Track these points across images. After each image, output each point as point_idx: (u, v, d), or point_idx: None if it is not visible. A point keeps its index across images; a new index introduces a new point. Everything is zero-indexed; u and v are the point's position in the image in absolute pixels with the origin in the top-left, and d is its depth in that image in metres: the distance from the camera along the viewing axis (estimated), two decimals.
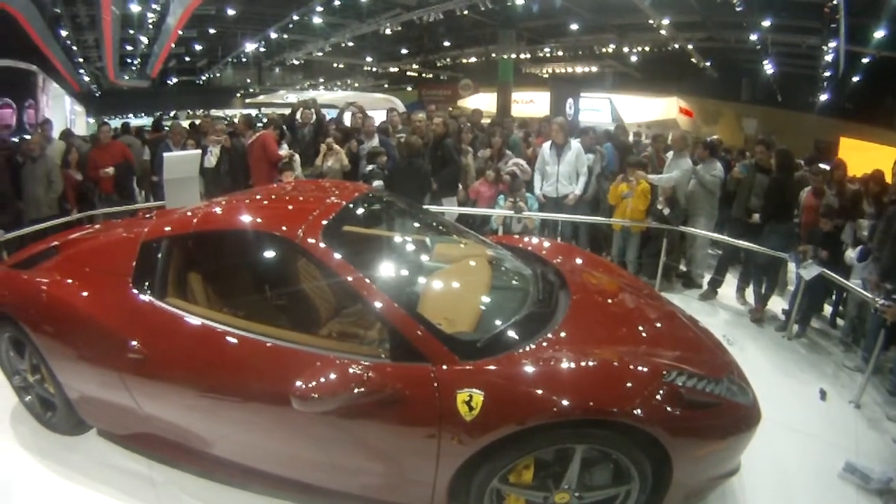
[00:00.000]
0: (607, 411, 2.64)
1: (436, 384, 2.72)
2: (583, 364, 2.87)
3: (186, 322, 3.31)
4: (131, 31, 27.49)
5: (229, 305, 3.51)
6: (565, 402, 2.61)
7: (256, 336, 3.11)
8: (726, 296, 7.35)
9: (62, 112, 19.54)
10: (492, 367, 2.78)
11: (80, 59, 32.18)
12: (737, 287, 7.27)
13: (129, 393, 3.44)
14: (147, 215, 5.22)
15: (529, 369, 2.78)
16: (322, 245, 3.12)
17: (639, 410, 2.65)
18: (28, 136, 8.87)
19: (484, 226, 7.97)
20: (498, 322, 3.15)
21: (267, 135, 8.19)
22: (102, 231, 4.80)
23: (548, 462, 2.79)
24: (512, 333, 3.04)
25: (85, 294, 3.67)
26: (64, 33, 24.79)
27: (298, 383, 2.62)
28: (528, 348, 2.92)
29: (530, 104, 26.60)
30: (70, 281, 3.82)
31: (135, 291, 3.51)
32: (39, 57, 20.69)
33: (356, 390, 2.61)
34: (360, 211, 3.84)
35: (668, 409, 2.72)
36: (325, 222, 3.30)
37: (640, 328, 3.43)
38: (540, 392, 2.68)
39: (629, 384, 2.79)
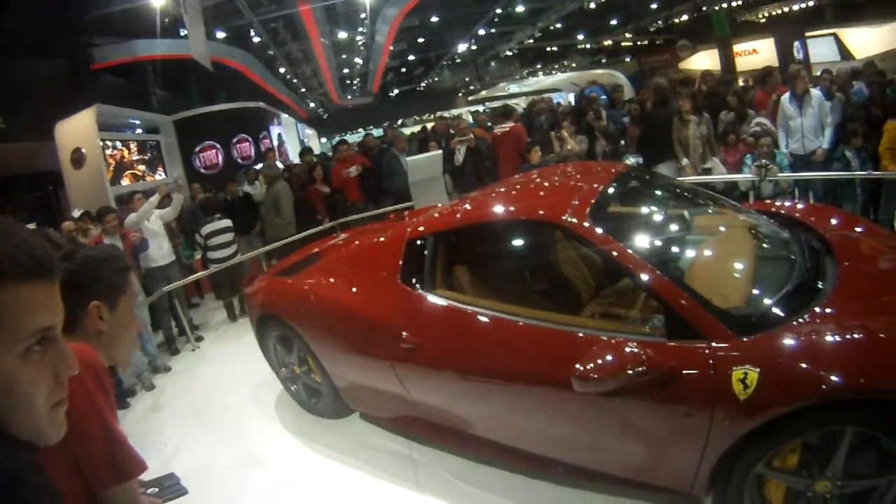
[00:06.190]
0: (880, 389, 2.34)
1: (711, 361, 2.56)
2: (852, 338, 2.56)
3: (456, 310, 3.46)
4: (344, 56, 29.66)
5: (494, 293, 3.61)
6: (836, 380, 2.34)
7: (524, 320, 3.17)
8: None
9: (294, 137, 21.93)
10: (766, 343, 2.57)
11: (303, 90, 35.37)
12: None
13: (399, 380, 3.67)
14: (396, 218, 5.55)
15: (802, 345, 2.54)
16: (589, 225, 3.11)
17: None
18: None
19: (733, 192, 7.38)
20: (769, 295, 2.91)
21: (520, 128, 8.55)
22: (356, 235, 5.20)
23: (815, 446, 2.52)
24: (783, 306, 2.78)
25: (353, 291, 4.01)
26: (282, 70, 27.54)
27: (578, 365, 2.62)
28: (799, 322, 2.66)
29: (754, 55, 24.39)
30: (336, 281, 4.21)
31: (404, 286, 3.73)
32: (264, 95, 23.85)
33: (634, 370, 2.54)
34: (618, 190, 3.78)
35: None
36: (588, 204, 3.28)
37: None
38: (813, 369, 2.43)
39: None
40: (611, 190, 3.66)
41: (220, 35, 18.17)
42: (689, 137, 7.57)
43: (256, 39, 20.87)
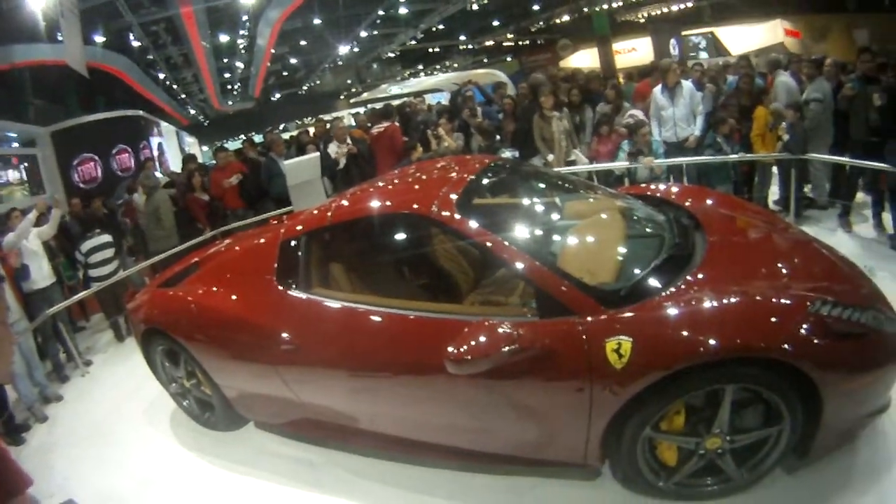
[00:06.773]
0: (754, 347, 2.56)
1: (584, 336, 2.70)
2: (725, 302, 2.77)
3: (333, 308, 3.46)
4: (226, 60, 28.89)
5: (372, 288, 3.64)
6: (712, 342, 2.55)
7: (402, 311, 3.21)
8: (862, 222, 6.60)
9: (175, 146, 21.21)
10: (637, 314, 2.74)
11: (183, 96, 34.17)
12: (872, 213, 6.42)
13: (285, 383, 3.64)
14: (276, 222, 5.51)
15: (674, 312, 2.72)
16: (458, 216, 3.18)
17: (786, 344, 2.55)
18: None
19: (608, 177, 7.74)
20: (638, 269, 3.09)
21: (395, 127, 8.62)
22: (236, 242, 5.11)
23: (698, 407, 2.74)
24: (653, 279, 2.97)
25: (233, 298, 3.93)
26: (161, 76, 26.47)
27: (451, 348, 2.68)
28: (670, 292, 2.85)
29: (633, 53, 25.49)
30: (216, 289, 4.11)
31: (280, 288, 3.70)
32: (144, 102, 22.62)
33: (508, 349, 2.63)
34: (488, 180, 3.88)
35: (816, 340, 2.61)
36: (456, 194, 3.35)
37: (779, 262, 3.25)
38: (686, 334, 2.62)
39: (774, 318, 2.68)
40: (483, 181, 3.77)
41: (99, 39, 17.15)
42: (553, 133, 7.86)
43: (136, 44, 19.90)
